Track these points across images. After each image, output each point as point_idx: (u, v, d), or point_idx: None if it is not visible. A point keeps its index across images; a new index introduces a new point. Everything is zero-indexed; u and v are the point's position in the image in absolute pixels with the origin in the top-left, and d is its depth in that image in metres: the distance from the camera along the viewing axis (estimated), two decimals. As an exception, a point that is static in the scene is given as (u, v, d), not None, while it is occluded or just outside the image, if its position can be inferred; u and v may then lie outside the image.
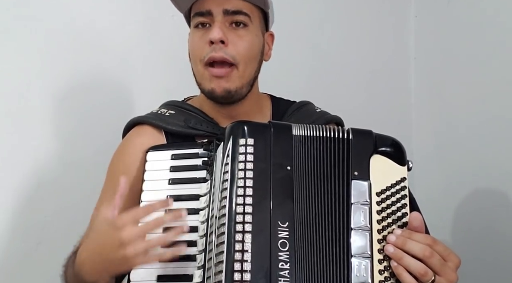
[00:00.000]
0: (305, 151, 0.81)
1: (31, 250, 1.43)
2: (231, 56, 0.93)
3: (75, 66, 1.48)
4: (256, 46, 0.97)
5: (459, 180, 1.67)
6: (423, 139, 1.84)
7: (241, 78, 0.95)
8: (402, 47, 1.90)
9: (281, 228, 0.75)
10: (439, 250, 0.75)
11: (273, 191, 0.77)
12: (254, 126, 0.82)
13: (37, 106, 1.44)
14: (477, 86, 1.61)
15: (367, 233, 0.77)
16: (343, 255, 0.76)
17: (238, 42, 0.93)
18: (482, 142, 1.59)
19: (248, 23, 0.95)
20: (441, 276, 0.75)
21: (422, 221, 0.77)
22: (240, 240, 0.73)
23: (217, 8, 0.93)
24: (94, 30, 1.50)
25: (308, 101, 1.13)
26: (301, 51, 1.75)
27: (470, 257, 1.61)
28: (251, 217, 0.74)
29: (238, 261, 0.72)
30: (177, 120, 1.00)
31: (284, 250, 0.74)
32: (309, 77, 1.78)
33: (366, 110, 1.74)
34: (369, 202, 0.78)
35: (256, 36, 0.97)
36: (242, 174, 0.77)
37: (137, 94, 1.57)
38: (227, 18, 0.93)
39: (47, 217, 1.43)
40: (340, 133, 0.82)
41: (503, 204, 1.51)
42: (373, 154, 0.82)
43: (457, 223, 1.64)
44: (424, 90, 1.85)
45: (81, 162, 1.48)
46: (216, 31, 0.91)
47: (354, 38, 1.85)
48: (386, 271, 0.75)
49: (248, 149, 0.79)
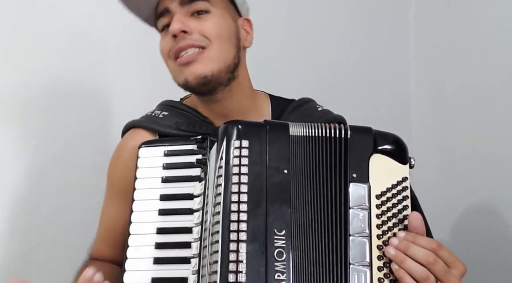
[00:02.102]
0: (302, 152, 0.77)
1: (31, 250, 1.43)
2: (198, 40, 0.89)
3: (75, 67, 1.48)
4: (225, 28, 0.92)
5: (459, 180, 1.67)
6: (423, 139, 1.84)
7: (214, 62, 0.90)
8: (402, 47, 1.90)
9: (277, 237, 0.72)
10: (443, 256, 0.72)
11: (268, 196, 0.74)
12: (248, 127, 0.77)
13: (37, 106, 1.44)
14: (477, 86, 1.61)
15: (366, 239, 0.73)
16: (341, 264, 0.73)
17: (202, 26, 0.90)
18: (482, 142, 1.59)
19: (210, 9, 0.91)
20: None
21: (422, 221, 0.74)
22: (235, 250, 0.70)
23: (173, 3, 0.90)
24: (93, 30, 1.50)
25: (310, 98, 1.10)
26: (301, 51, 1.75)
27: (470, 258, 1.61)
28: (246, 225, 0.71)
29: (232, 273, 0.69)
30: (170, 122, 0.98)
31: (281, 260, 0.71)
32: (309, 77, 1.77)
33: (366, 110, 1.74)
34: (368, 206, 0.75)
35: (222, 18, 0.93)
36: (236, 178, 0.73)
37: (137, 94, 1.56)
38: (186, 8, 0.90)
39: (47, 217, 1.43)
40: (337, 131, 0.79)
41: (503, 203, 1.51)
42: (372, 153, 0.78)
43: (457, 223, 1.64)
44: (424, 90, 1.85)
45: (81, 162, 1.48)
46: (174, 22, 0.88)
47: (354, 38, 1.85)
48: (386, 279, 0.72)
49: (242, 152, 0.75)
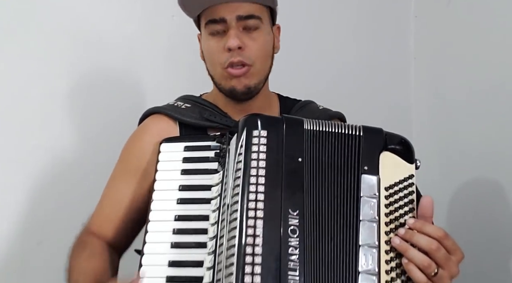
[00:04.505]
0: (317, 144, 0.83)
1: (31, 250, 1.43)
2: (248, 58, 0.97)
3: (75, 67, 1.48)
4: (269, 44, 1.02)
5: (459, 179, 1.67)
6: (423, 139, 1.84)
7: (258, 75, 1.00)
8: (402, 47, 1.91)
9: (291, 216, 0.77)
10: (447, 244, 0.77)
11: (284, 181, 0.79)
12: (267, 119, 0.85)
13: (37, 106, 1.44)
14: (477, 86, 1.62)
15: (375, 224, 0.79)
16: (351, 244, 0.78)
17: (253, 45, 0.98)
18: (482, 142, 1.59)
19: (260, 25, 0.99)
20: (444, 269, 0.77)
21: (432, 204, 0.80)
22: (252, 225, 0.75)
23: (231, 15, 0.96)
24: (94, 30, 1.50)
25: (311, 100, 1.17)
26: (301, 51, 1.75)
27: (470, 256, 1.61)
28: (263, 204, 0.77)
29: (249, 245, 0.74)
30: (192, 112, 1.04)
31: (294, 237, 0.76)
32: (309, 77, 1.78)
33: (366, 110, 1.74)
34: (378, 195, 0.80)
35: (268, 34, 1.02)
36: (255, 163, 0.79)
37: (137, 94, 1.57)
38: (240, 23, 0.97)
39: (47, 217, 1.43)
40: (351, 130, 0.85)
41: (503, 202, 1.51)
42: (382, 151, 0.84)
43: (457, 222, 1.65)
44: (424, 90, 1.85)
45: (81, 162, 1.48)
46: (233, 40, 0.95)
47: (354, 38, 1.85)
48: (392, 261, 0.77)
49: (261, 140, 0.81)
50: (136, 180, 1.02)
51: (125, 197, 1.02)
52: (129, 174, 1.04)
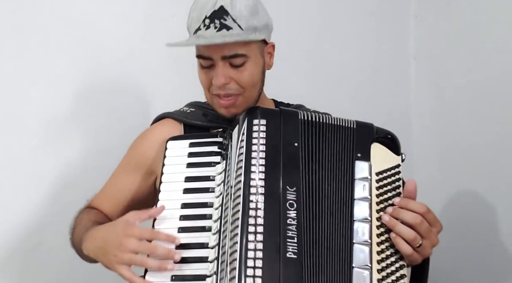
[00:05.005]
0: (312, 132, 0.92)
1: (31, 250, 1.43)
2: (236, 90, 1.02)
3: (75, 67, 1.48)
4: (257, 73, 1.04)
5: (459, 179, 1.67)
6: (423, 139, 1.84)
7: (247, 103, 1.04)
8: (402, 47, 1.91)
9: (289, 192, 0.86)
10: (429, 218, 0.87)
11: (282, 163, 0.88)
12: (266, 110, 0.94)
13: (37, 106, 1.44)
14: (477, 86, 1.62)
15: (367, 202, 0.88)
16: (346, 218, 0.87)
17: (240, 78, 1.01)
18: (482, 142, 1.59)
19: (246, 60, 1.01)
20: (427, 240, 0.86)
21: (416, 187, 0.88)
22: (254, 200, 0.84)
23: (216, 55, 0.99)
24: (94, 30, 1.50)
25: (301, 104, 1.20)
26: (301, 51, 1.75)
27: (470, 255, 1.62)
28: (263, 182, 0.85)
29: (252, 217, 0.82)
30: (196, 115, 1.13)
31: (292, 209, 0.85)
32: (309, 77, 1.78)
33: (366, 110, 1.73)
34: (370, 179, 0.90)
35: (256, 64, 1.03)
36: (256, 147, 0.88)
37: (137, 94, 1.57)
38: (226, 61, 1.00)
39: (47, 217, 1.43)
40: (346, 123, 0.94)
41: (502, 202, 1.51)
42: (373, 142, 0.94)
43: (457, 222, 1.64)
44: (424, 90, 1.85)
45: (81, 162, 1.48)
46: (219, 78, 0.99)
47: (354, 38, 1.86)
48: (382, 235, 0.87)
49: (261, 128, 0.91)
50: (136, 173, 1.10)
51: (127, 186, 1.11)
52: (130, 167, 1.12)
